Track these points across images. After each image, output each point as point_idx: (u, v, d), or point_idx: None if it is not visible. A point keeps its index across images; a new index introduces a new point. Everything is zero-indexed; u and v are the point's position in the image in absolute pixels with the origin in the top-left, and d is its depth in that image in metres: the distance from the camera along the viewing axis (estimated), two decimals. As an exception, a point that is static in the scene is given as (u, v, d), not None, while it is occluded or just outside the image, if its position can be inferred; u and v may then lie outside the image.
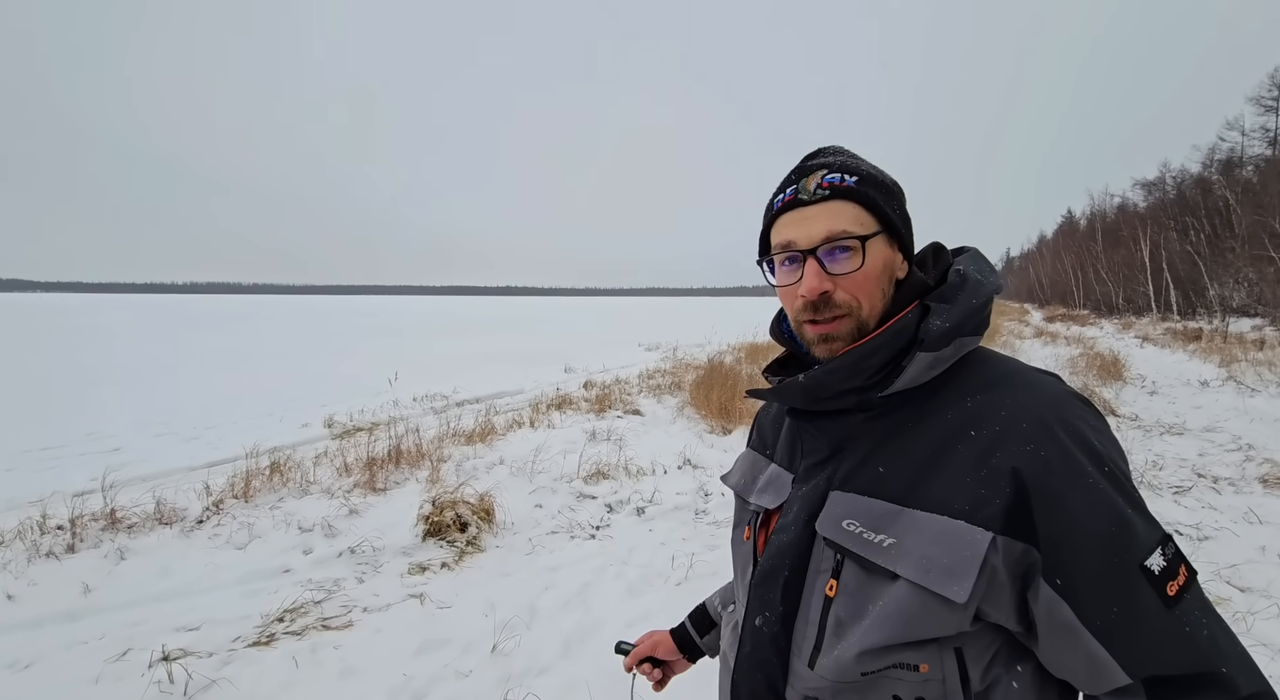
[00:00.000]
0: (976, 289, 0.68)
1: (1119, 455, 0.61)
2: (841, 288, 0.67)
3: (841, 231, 0.66)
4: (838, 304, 0.67)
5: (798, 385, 0.69)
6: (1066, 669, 0.58)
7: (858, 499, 0.65)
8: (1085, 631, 0.54)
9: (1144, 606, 0.54)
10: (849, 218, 0.67)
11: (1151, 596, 0.54)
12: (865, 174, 0.69)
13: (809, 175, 0.70)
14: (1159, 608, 0.54)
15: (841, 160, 0.71)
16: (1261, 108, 28.75)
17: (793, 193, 0.70)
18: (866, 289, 0.67)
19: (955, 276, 0.69)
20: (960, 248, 0.77)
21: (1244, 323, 21.19)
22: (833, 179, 0.68)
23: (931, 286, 0.71)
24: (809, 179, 0.70)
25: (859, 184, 0.68)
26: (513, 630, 2.61)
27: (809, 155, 0.74)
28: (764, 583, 0.71)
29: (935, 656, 0.59)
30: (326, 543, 3.48)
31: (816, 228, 0.67)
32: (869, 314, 0.68)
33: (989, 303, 0.67)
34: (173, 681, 2.23)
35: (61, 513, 3.59)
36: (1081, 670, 0.56)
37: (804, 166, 0.72)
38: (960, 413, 0.63)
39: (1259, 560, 3.13)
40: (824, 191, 0.68)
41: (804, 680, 0.66)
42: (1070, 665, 0.57)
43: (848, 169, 0.69)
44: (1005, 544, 0.56)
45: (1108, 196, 44.81)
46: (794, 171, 0.73)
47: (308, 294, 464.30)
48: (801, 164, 0.73)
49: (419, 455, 5.03)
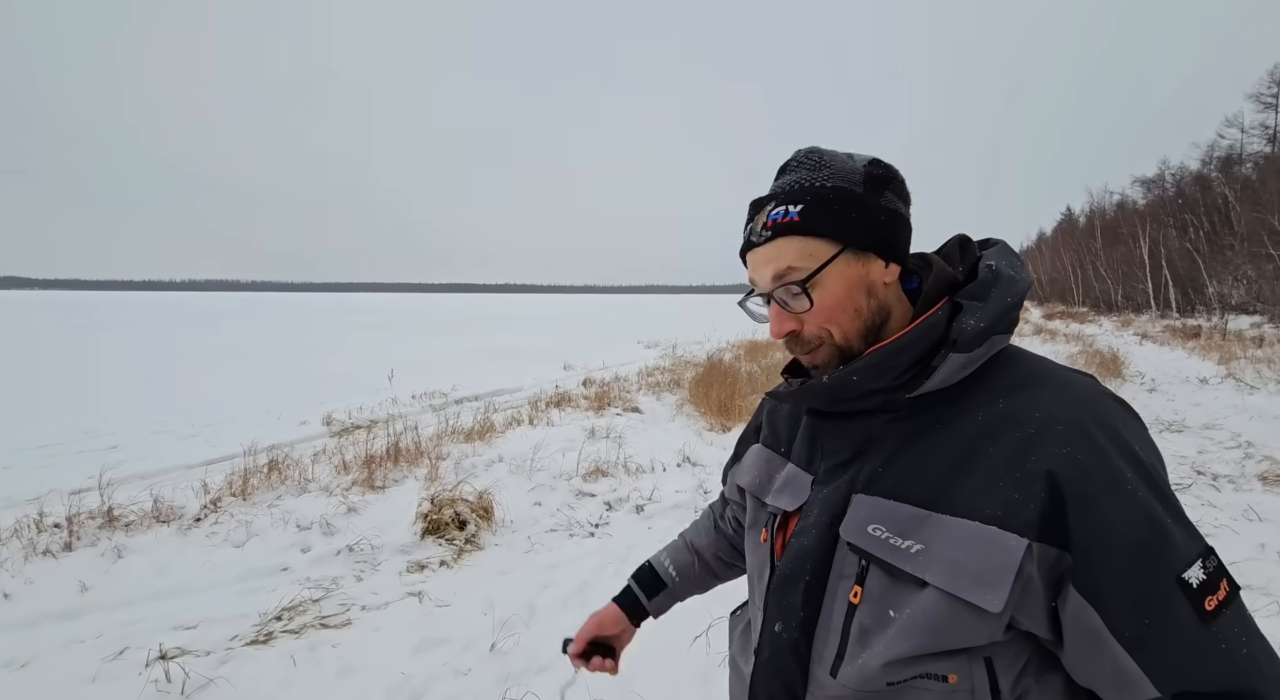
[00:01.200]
0: (1010, 286, 0.65)
1: (1158, 460, 0.59)
2: (807, 324, 0.67)
3: (786, 270, 0.65)
4: (807, 339, 0.67)
5: (821, 386, 0.67)
6: (1092, 678, 0.56)
7: (883, 503, 0.63)
8: (1113, 640, 0.53)
9: (1178, 620, 0.52)
10: (793, 255, 0.65)
11: (1187, 610, 0.52)
12: (814, 195, 0.65)
13: (760, 211, 0.69)
14: (1194, 622, 0.52)
15: (795, 180, 0.67)
16: (1261, 105, 28.76)
17: (747, 233, 0.70)
18: (832, 317, 0.66)
19: (987, 272, 0.66)
20: (987, 239, 0.74)
21: (1243, 320, 21.20)
22: (776, 215, 0.66)
23: (960, 281, 0.68)
24: (759, 216, 0.69)
25: (803, 214, 0.65)
26: (512, 628, 2.60)
27: (779, 170, 0.71)
28: (783, 588, 0.69)
29: (964, 666, 0.57)
30: (325, 541, 3.47)
31: (766, 271, 0.67)
32: (843, 339, 0.67)
33: (1022, 301, 0.65)
34: (170, 680, 2.22)
35: (59, 511, 3.58)
36: (1108, 680, 0.54)
37: (758, 201, 0.71)
38: (991, 414, 0.61)
39: (1259, 558, 3.13)
40: (767, 232, 0.67)
41: (825, 688, 0.64)
42: (1096, 674, 0.55)
43: (794, 196, 0.66)
44: (1040, 550, 0.54)
45: (1107, 194, 44.87)
46: (751, 206, 0.72)
47: (306, 291, 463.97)
48: (754, 202, 0.71)
49: (418, 453, 5.02)
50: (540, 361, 12.76)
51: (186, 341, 17.77)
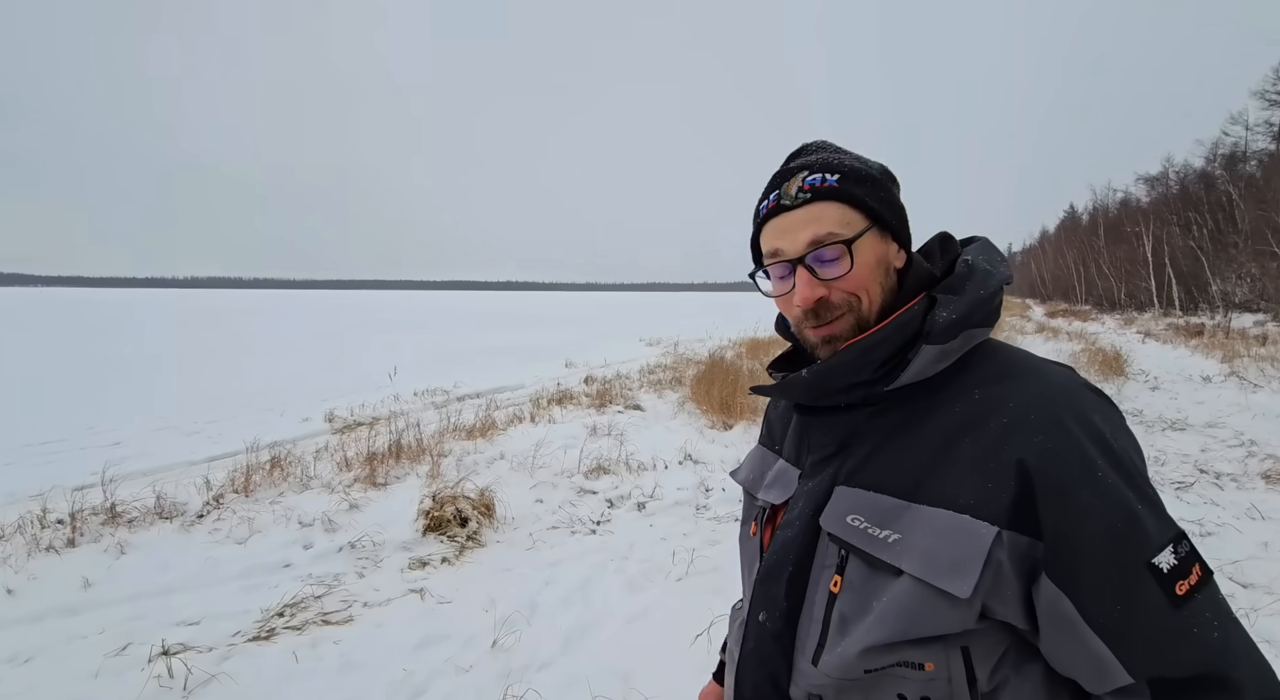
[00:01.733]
0: (985, 279, 0.66)
1: (1134, 449, 0.60)
2: (837, 289, 0.66)
3: (826, 235, 0.65)
4: (836, 305, 0.67)
5: (801, 381, 0.68)
6: (1069, 665, 0.57)
7: (863, 494, 0.64)
8: (1086, 627, 0.53)
9: (1149, 605, 0.53)
10: (833, 220, 0.65)
11: (1157, 595, 0.53)
12: (848, 169, 0.67)
13: (790, 179, 0.68)
14: (1164, 606, 0.53)
15: (823, 158, 0.69)
16: (1266, 102, 28.56)
17: (775, 198, 0.69)
18: (863, 285, 0.66)
19: (963, 266, 0.67)
20: (970, 237, 0.75)
21: (1246, 318, 21.13)
22: (813, 180, 0.67)
23: (939, 277, 0.70)
24: (790, 183, 0.68)
25: (841, 182, 0.66)
26: (513, 625, 2.60)
27: (791, 154, 0.72)
28: (768, 578, 0.70)
29: (941, 655, 0.58)
30: (327, 537, 3.47)
31: (801, 234, 0.66)
32: (869, 308, 0.67)
33: (998, 293, 0.65)
34: (172, 676, 2.23)
35: (61, 507, 3.59)
36: (1084, 667, 0.55)
37: (785, 170, 0.70)
38: (968, 406, 0.62)
39: (1261, 556, 3.12)
40: (805, 195, 0.66)
41: (807, 677, 0.65)
42: (1072, 662, 0.56)
43: (829, 167, 0.67)
44: (1011, 538, 0.55)
45: (1110, 191, 44.62)
46: (776, 175, 0.71)
47: (308, 289, 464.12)
48: (783, 166, 0.71)
49: (419, 450, 5.02)
50: (541, 359, 12.76)
51: (187, 338, 17.81)
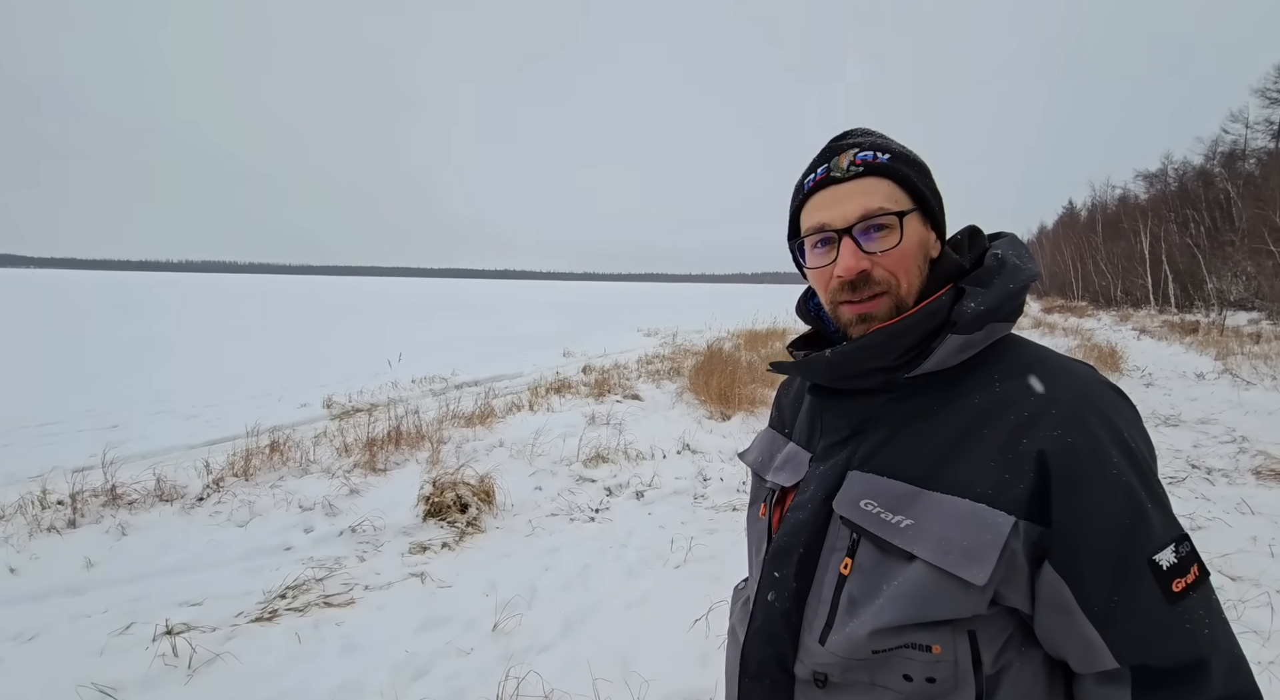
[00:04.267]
0: (1015, 274, 0.66)
1: (1147, 448, 0.61)
2: (879, 266, 0.66)
3: (878, 208, 0.65)
4: (876, 281, 0.66)
5: (824, 360, 0.69)
6: (1059, 647, 0.59)
7: (877, 479, 0.65)
8: (1081, 614, 0.56)
9: (1145, 598, 0.55)
10: (884, 194, 0.66)
11: (1154, 590, 0.55)
12: (898, 151, 0.69)
13: (841, 154, 0.69)
14: (1160, 601, 0.55)
15: (872, 140, 0.70)
16: (1266, 100, 28.51)
17: (824, 171, 0.69)
18: (905, 266, 0.67)
19: (993, 260, 0.68)
20: (998, 233, 0.76)
21: (1241, 316, 21.23)
22: (865, 156, 0.67)
23: (967, 269, 0.71)
24: (841, 157, 0.69)
25: (892, 160, 0.67)
26: (513, 609, 2.63)
27: (837, 137, 0.73)
28: (778, 559, 0.71)
29: (948, 638, 0.60)
30: (327, 521, 3.49)
31: (851, 206, 0.66)
32: (907, 291, 0.67)
33: (1025, 290, 0.66)
34: (177, 655, 2.25)
35: (62, 488, 3.59)
36: (1073, 650, 0.57)
37: (834, 146, 0.71)
38: (988, 397, 0.63)
39: (1250, 550, 3.17)
40: (857, 168, 0.67)
41: (814, 656, 0.66)
42: (1063, 644, 0.58)
43: (879, 147, 0.68)
44: (1026, 528, 0.57)
45: (1109, 188, 44.62)
46: (823, 151, 0.72)
47: (302, 274, 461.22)
48: (831, 144, 0.72)
49: (419, 437, 5.04)
50: (540, 348, 12.75)
51: (185, 321, 17.73)
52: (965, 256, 0.73)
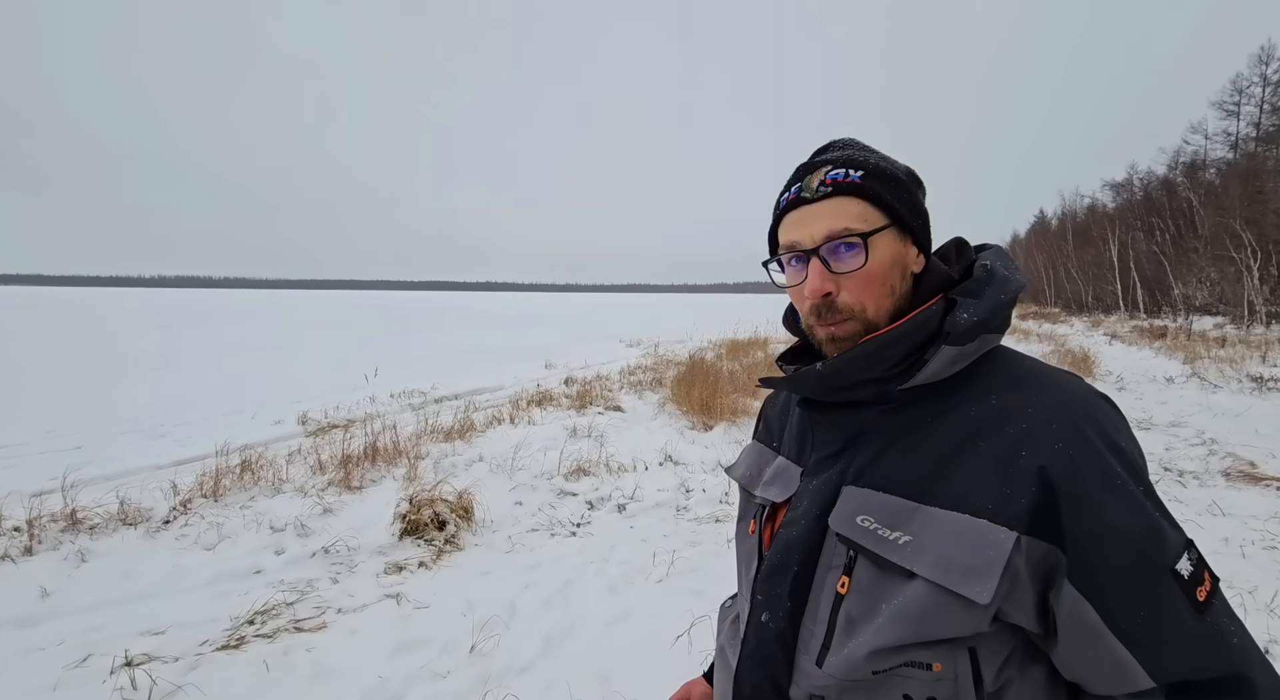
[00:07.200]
0: (1004, 285, 0.66)
1: (1140, 456, 0.60)
2: (845, 289, 0.66)
3: (843, 229, 0.65)
4: (840, 308, 0.66)
5: (814, 373, 0.67)
6: (1083, 671, 0.56)
7: (872, 494, 0.63)
8: (1109, 634, 0.53)
9: (1176, 612, 0.53)
10: (851, 214, 0.65)
11: (1183, 602, 0.53)
12: (872, 167, 0.67)
13: (813, 172, 0.69)
14: (1191, 613, 0.53)
15: (848, 154, 0.69)
16: (1224, 112, 29.71)
17: (797, 190, 0.69)
18: (871, 290, 0.66)
19: (982, 271, 0.68)
20: (983, 244, 0.76)
21: (1206, 320, 21.91)
22: (836, 175, 0.67)
23: (956, 280, 0.70)
24: (813, 176, 0.68)
25: (864, 178, 0.66)
26: (492, 629, 2.57)
27: (818, 150, 0.72)
28: (771, 578, 0.69)
29: (949, 656, 0.58)
30: (299, 542, 3.39)
31: (819, 226, 0.66)
32: (875, 315, 0.67)
33: (1015, 300, 0.66)
34: (136, 688, 2.15)
35: (18, 514, 3.45)
36: (1101, 672, 0.55)
37: (810, 163, 0.71)
38: (984, 409, 0.61)
39: (1223, 551, 3.23)
40: (826, 188, 0.67)
41: (810, 678, 0.64)
42: (1089, 667, 0.56)
43: (853, 163, 0.67)
44: (1029, 544, 0.55)
45: (1078, 197, 45.91)
46: (799, 169, 0.71)
47: (279, 288, 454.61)
48: (809, 160, 0.71)
49: (396, 452, 4.94)
50: (521, 360, 12.66)
51: (154, 338, 17.30)
52: (954, 268, 0.72)
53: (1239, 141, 29.29)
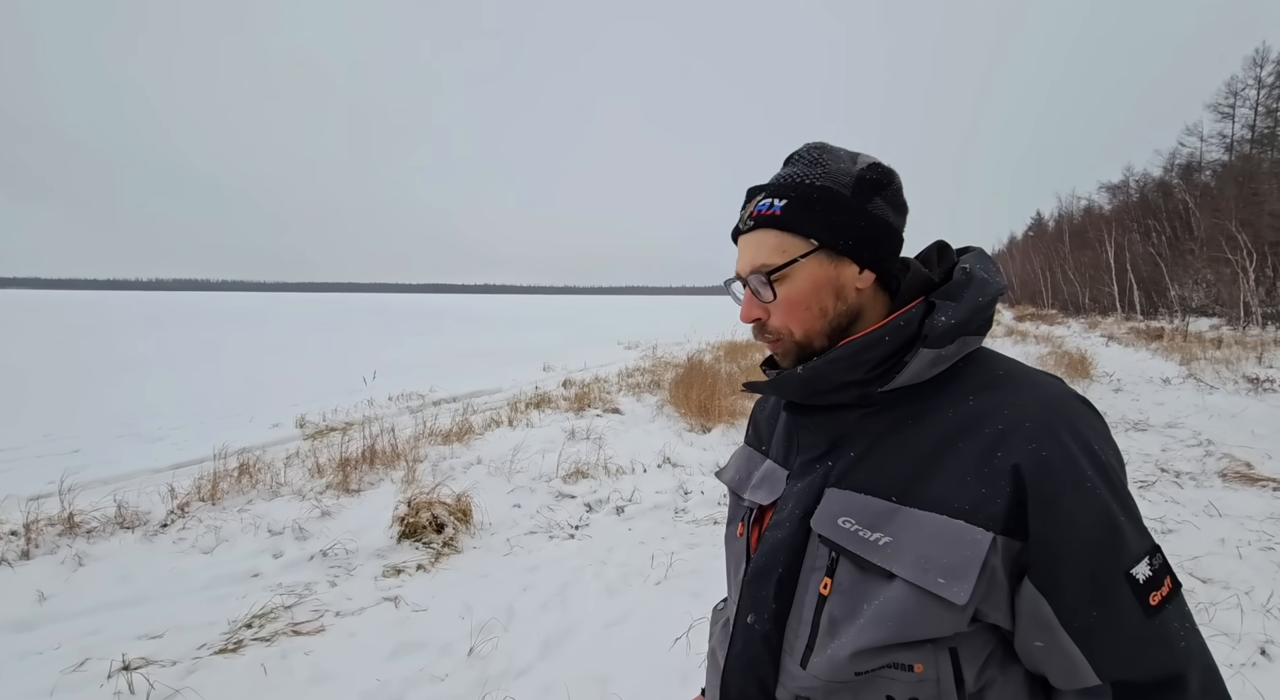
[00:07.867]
0: (983, 287, 0.67)
1: (1117, 460, 0.61)
2: (773, 314, 0.69)
3: (760, 264, 0.68)
4: (769, 330, 0.70)
5: (796, 377, 0.69)
6: (1040, 664, 0.58)
7: (854, 496, 0.64)
8: (1062, 630, 0.55)
9: (1124, 613, 0.55)
10: (769, 248, 0.68)
11: (1133, 604, 0.55)
12: (800, 193, 0.67)
13: (750, 201, 0.72)
14: (1139, 615, 0.55)
15: (786, 177, 0.69)
16: (1219, 115, 29.82)
17: (739, 219, 0.73)
18: (795, 315, 0.68)
19: (961, 274, 0.68)
20: (965, 247, 0.76)
21: (1203, 322, 21.99)
22: (762, 206, 0.69)
23: (937, 283, 0.71)
24: (748, 206, 0.71)
25: (785, 209, 0.67)
26: (490, 632, 2.57)
27: (784, 162, 0.74)
28: (757, 580, 0.70)
29: (930, 657, 0.59)
30: (297, 546, 3.39)
31: (744, 258, 0.70)
32: (804, 338, 0.69)
33: (994, 302, 0.66)
34: (133, 692, 2.14)
35: (15, 517, 3.44)
36: (1054, 667, 0.57)
37: (751, 189, 0.73)
38: (962, 411, 0.62)
39: (1219, 552, 3.23)
40: (750, 222, 0.70)
41: (796, 679, 0.65)
42: (1043, 662, 0.57)
43: (782, 191, 0.68)
44: (1004, 543, 0.56)
45: (1075, 199, 46.10)
46: (749, 191, 0.74)
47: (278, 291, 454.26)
48: (755, 186, 0.74)
49: (394, 455, 4.94)
50: (519, 362, 12.66)
51: (152, 341, 17.26)
52: (935, 271, 0.73)
53: (1234, 144, 29.39)
